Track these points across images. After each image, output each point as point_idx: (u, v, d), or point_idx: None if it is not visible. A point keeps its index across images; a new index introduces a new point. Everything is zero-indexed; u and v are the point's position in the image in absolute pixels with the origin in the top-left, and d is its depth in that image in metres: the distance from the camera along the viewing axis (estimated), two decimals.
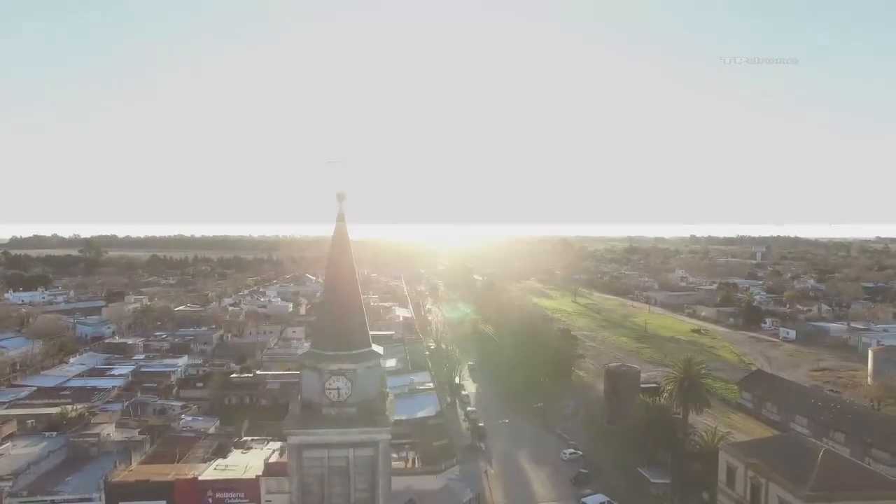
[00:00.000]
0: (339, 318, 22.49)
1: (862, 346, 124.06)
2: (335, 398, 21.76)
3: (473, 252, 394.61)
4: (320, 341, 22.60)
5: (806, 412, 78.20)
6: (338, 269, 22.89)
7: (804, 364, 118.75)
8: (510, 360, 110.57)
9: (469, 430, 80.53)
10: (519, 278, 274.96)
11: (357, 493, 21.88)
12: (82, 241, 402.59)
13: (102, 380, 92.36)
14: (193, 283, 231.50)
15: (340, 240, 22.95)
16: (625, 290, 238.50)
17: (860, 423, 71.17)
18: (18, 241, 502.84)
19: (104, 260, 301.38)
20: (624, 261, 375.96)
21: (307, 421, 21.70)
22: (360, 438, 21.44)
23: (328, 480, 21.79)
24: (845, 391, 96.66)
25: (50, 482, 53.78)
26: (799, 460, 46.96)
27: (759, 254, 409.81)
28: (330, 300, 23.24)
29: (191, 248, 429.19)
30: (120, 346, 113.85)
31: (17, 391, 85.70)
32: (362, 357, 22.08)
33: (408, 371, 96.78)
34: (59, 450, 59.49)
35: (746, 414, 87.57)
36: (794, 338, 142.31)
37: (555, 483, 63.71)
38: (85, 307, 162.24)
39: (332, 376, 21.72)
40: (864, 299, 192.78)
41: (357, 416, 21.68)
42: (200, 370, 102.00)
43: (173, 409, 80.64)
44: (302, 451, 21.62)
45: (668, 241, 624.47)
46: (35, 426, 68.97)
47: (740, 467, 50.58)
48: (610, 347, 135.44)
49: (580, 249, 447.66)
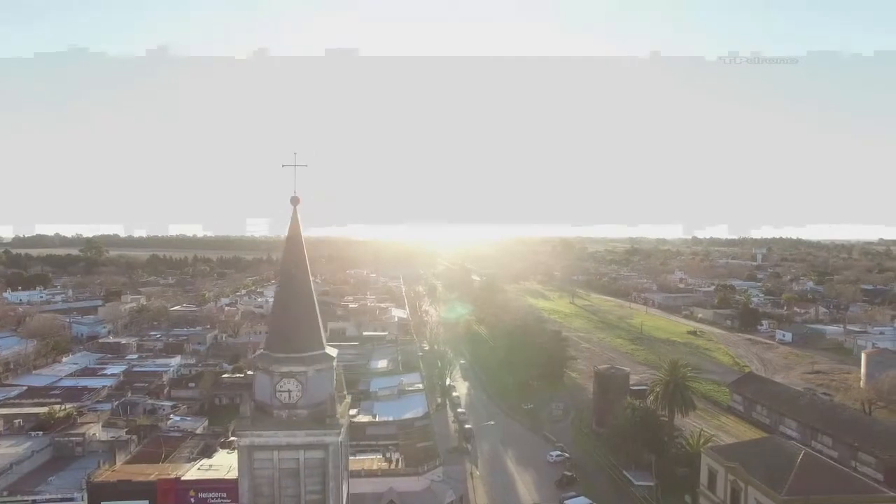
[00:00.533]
0: (290, 321, 22.55)
1: (857, 349, 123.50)
2: (286, 400, 21.82)
3: (474, 253, 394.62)
4: (272, 343, 22.67)
5: (795, 415, 77.95)
6: (290, 272, 22.95)
7: (798, 366, 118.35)
8: (503, 361, 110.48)
9: (457, 431, 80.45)
10: (518, 279, 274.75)
11: (308, 496, 21.93)
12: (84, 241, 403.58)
13: (94, 379, 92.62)
14: (192, 282, 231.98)
15: (293, 243, 23.03)
16: (623, 292, 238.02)
17: (848, 427, 70.91)
18: (21, 241, 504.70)
19: (104, 259, 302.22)
20: (624, 262, 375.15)
21: (257, 423, 21.78)
22: (310, 441, 21.50)
23: (279, 482, 21.84)
24: (837, 394, 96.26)
25: (32, 482, 53.91)
26: (778, 464, 46.82)
27: (759, 255, 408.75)
28: (282, 302, 23.31)
29: (192, 247, 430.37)
30: (113, 345, 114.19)
31: (8, 391, 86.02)
32: (313, 360, 22.13)
33: (398, 372, 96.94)
34: (44, 450, 59.67)
35: (737, 417, 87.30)
36: (790, 340, 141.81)
37: (539, 485, 63.64)
38: (82, 307, 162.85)
39: (282, 378, 21.79)
40: (862, 301, 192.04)
41: (307, 418, 21.74)
42: (193, 370, 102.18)
43: (163, 409, 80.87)
44: (252, 452, 21.69)
45: (669, 243, 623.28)
46: (22, 426, 69.15)
47: (721, 470, 50.46)
48: (604, 349, 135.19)
49: (580, 250, 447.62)
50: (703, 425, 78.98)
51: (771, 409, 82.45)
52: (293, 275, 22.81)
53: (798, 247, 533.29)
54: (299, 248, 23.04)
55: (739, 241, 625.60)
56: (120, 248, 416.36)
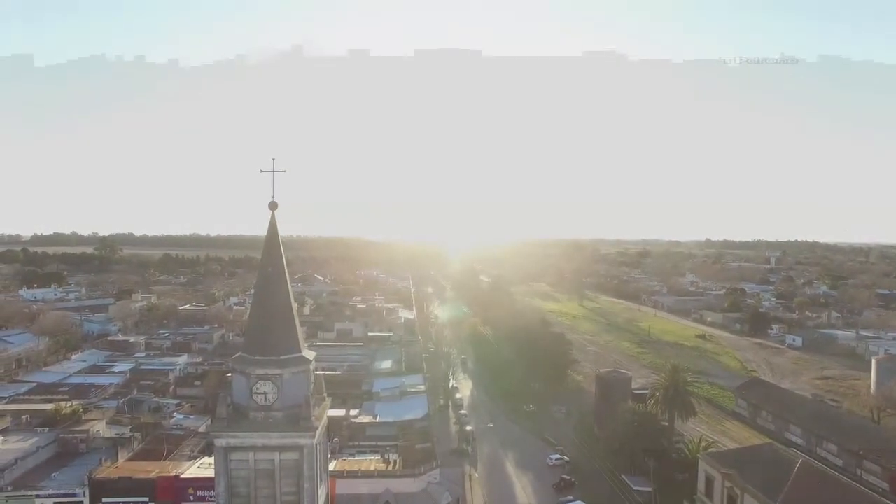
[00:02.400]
0: (267, 324, 22.84)
1: (869, 355, 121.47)
2: (262, 402, 22.08)
3: (486, 254, 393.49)
4: (249, 346, 22.96)
5: (800, 422, 76.98)
6: (267, 275, 23.23)
7: (807, 372, 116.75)
8: (506, 363, 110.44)
9: (458, 433, 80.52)
10: (528, 281, 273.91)
11: (283, 497, 22.18)
12: (99, 240, 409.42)
13: (102, 377, 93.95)
14: (203, 281, 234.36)
15: (271, 246, 23.29)
16: (633, 294, 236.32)
17: (854, 435, 69.85)
18: (39, 239, 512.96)
19: (118, 258, 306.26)
20: (635, 264, 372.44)
21: (234, 424, 22.05)
22: (285, 442, 21.74)
23: (255, 483, 22.11)
24: (845, 401, 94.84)
25: (36, 477, 54.98)
26: (775, 471, 46.33)
27: (773, 259, 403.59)
28: (258, 305, 23.61)
29: (204, 247, 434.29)
30: (122, 343, 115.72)
31: (18, 387, 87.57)
32: (289, 363, 22.38)
33: (401, 373, 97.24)
34: (48, 445, 60.79)
35: (741, 422, 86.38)
36: (800, 345, 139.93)
37: (537, 488, 63.52)
38: (94, 305, 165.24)
39: (258, 381, 22.06)
40: (877, 306, 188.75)
41: (282, 420, 21.98)
42: (199, 369, 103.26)
43: (167, 407, 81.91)
44: (229, 453, 21.96)
45: (682, 245, 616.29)
46: (30, 422, 70.33)
47: (717, 477, 50.05)
48: (611, 352, 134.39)
49: (592, 252, 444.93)
50: (706, 430, 78.37)
51: (776, 415, 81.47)
52: (270, 278, 23.10)
53: (814, 250, 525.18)
54: (277, 252, 23.32)
55: (753, 243, 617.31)
56: (134, 247, 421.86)
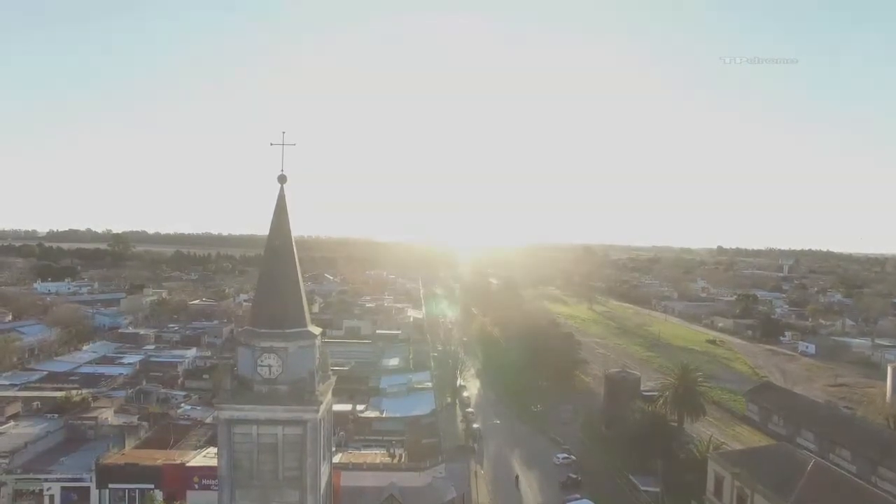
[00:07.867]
0: (273, 297, 22.76)
1: (885, 363, 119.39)
2: (266, 375, 21.98)
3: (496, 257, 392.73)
4: (255, 319, 22.90)
5: (812, 427, 75.64)
6: (275, 248, 23.17)
7: (820, 379, 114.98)
8: (514, 362, 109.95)
9: (464, 430, 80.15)
10: (538, 284, 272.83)
11: (286, 472, 22.04)
12: (112, 236, 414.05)
13: (111, 367, 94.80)
14: (214, 278, 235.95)
15: (279, 219, 23.25)
16: (644, 299, 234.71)
17: (868, 441, 68.46)
18: (54, 235, 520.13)
19: (130, 254, 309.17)
20: (646, 270, 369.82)
21: (238, 396, 21.97)
22: (288, 416, 21.61)
23: (258, 457, 21.99)
24: (860, 408, 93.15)
25: (45, 461, 55.55)
26: (786, 471, 45.49)
27: (786, 267, 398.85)
28: (266, 278, 23.54)
29: (216, 245, 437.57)
30: (132, 336, 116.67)
31: (30, 375, 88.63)
32: (295, 336, 22.27)
33: (409, 370, 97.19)
34: (57, 431, 61.39)
35: (752, 426, 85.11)
36: (813, 352, 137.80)
37: (543, 486, 62.96)
38: (106, 298, 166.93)
39: (263, 353, 21.97)
40: (893, 315, 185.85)
41: (287, 394, 21.87)
42: (208, 362, 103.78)
43: (175, 399, 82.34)
44: (232, 426, 21.87)
45: (694, 252, 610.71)
46: (40, 408, 71.09)
47: (727, 477, 49.25)
48: (620, 355, 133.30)
49: (603, 257, 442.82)
50: (717, 434, 77.30)
51: (788, 420, 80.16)
52: (278, 252, 23.04)
53: (828, 259, 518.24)
54: (285, 226, 23.27)
55: (766, 251, 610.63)
56: (147, 244, 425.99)
